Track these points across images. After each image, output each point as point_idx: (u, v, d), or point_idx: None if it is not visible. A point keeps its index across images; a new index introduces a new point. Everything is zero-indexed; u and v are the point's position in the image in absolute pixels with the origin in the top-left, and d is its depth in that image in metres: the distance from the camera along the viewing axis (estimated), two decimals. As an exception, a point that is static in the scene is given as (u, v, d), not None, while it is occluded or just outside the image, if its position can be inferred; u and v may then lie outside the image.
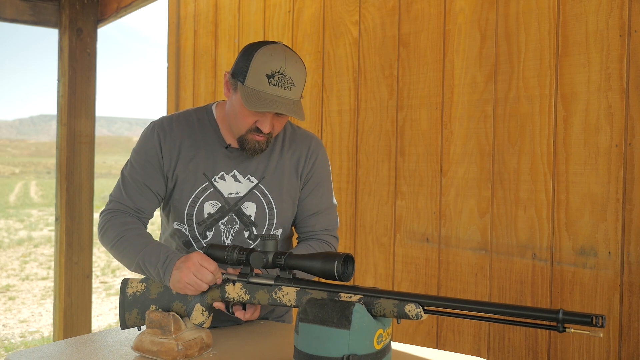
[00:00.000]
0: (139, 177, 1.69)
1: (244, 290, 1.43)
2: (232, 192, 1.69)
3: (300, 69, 1.59)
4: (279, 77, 1.53)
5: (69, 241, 3.95)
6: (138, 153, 1.71)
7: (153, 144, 1.69)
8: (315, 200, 1.78)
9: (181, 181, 1.68)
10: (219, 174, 1.69)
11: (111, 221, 1.65)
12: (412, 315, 1.22)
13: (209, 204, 1.68)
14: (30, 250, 10.78)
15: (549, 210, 2.01)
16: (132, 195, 1.68)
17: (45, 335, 5.65)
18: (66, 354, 1.50)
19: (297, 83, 1.56)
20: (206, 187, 1.68)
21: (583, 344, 1.93)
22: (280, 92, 1.53)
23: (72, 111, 3.96)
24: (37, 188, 31.18)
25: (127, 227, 1.63)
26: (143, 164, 1.69)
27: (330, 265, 1.28)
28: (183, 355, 1.43)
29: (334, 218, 1.83)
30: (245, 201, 1.70)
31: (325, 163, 1.82)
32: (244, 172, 1.71)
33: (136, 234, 1.62)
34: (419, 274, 2.42)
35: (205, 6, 3.61)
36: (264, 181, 1.71)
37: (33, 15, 3.95)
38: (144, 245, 1.58)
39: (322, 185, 1.80)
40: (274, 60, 1.54)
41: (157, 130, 1.70)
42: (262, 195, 1.71)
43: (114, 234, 1.62)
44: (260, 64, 1.54)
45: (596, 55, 1.90)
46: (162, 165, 1.69)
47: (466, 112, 2.26)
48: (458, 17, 2.29)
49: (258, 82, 1.53)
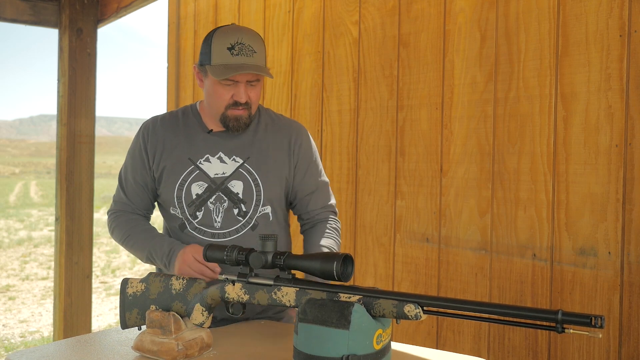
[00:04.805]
0: (131, 176, 1.85)
1: (243, 290, 1.43)
2: (219, 173, 1.79)
3: (257, 38, 1.74)
4: (239, 46, 1.69)
5: (69, 241, 3.95)
6: (128, 154, 1.89)
7: (138, 143, 1.84)
8: (310, 180, 1.89)
9: (168, 169, 1.80)
10: (203, 157, 1.79)
11: (116, 221, 1.84)
12: (412, 316, 1.22)
13: (196, 185, 1.78)
14: (30, 250, 10.78)
15: (549, 210, 2.01)
16: (129, 194, 1.85)
17: (45, 335, 5.65)
18: (66, 353, 1.50)
19: (257, 50, 1.71)
20: (192, 170, 1.78)
21: (583, 344, 1.93)
22: (243, 59, 1.68)
23: (72, 111, 3.96)
24: (37, 188, 31.19)
25: (130, 224, 1.82)
26: (133, 163, 1.85)
27: (330, 266, 1.28)
28: (183, 355, 1.44)
29: (329, 194, 1.95)
30: (231, 180, 1.79)
31: (311, 144, 1.93)
32: (229, 153, 1.80)
33: (140, 230, 1.80)
34: (419, 274, 2.42)
35: (205, 6, 3.61)
36: (249, 160, 1.80)
37: (33, 15, 3.95)
38: (148, 239, 1.76)
39: (312, 165, 1.90)
40: (230, 34, 1.71)
41: (142, 130, 1.86)
42: (249, 173, 1.80)
43: (121, 233, 1.82)
44: (219, 41, 1.70)
45: (596, 55, 1.90)
46: (147, 160, 1.82)
47: (466, 112, 2.26)
48: (458, 17, 2.29)
49: (222, 57, 1.69)
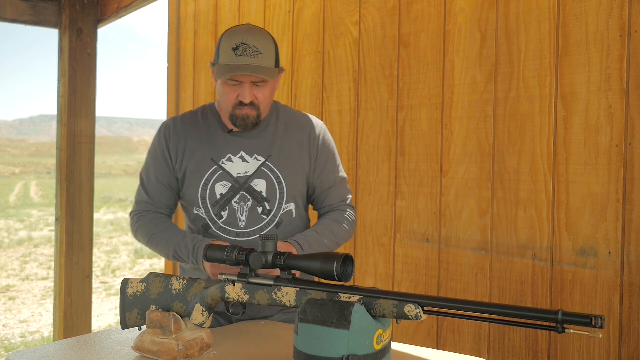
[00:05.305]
0: (153, 176, 1.86)
1: (243, 290, 1.43)
2: (241, 172, 1.80)
3: (265, 39, 1.73)
4: (243, 47, 1.70)
5: (69, 241, 3.95)
6: (149, 154, 1.89)
7: (160, 143, 1.86)
8: (329, 175, 1.90)
9: (191, 169, 1.81)
10: (225, 157, 1.81)
11: (139, 222, 1.85)
12: (412, 316, 1.22)
13: (219, 184, 1.80)
14: (30, 250, 10.78)
15: (549, 210, 2.01)
16: (152, 194, 1.86)
17: (45, 335, 5.65)
18: (66, 353, 1.50)
19: (263, 51, 1.71)
20: (215, 170, 1.80)
21: (583, 344, 1.93)
22: (246, 60, 1.69)
23: (72, 111, 3.95)
24: (37, 188, 31.19)
25: (153, 223, 1.82)
26: (154, 163, 1.86)
27: (330, 266, 1.28)
28: (183, 355, 1.43)
29: (347, 189, 1.96)
30: (254, 178, 1.80)
31: (330, 139, 1.95)
32: (251, 152, 1.82)
33: (163, 229, 1.81)
34: (419, 274, 2.42)
35: (205, 6, 3.61)
36: (270, 159, 1.82)
37: (33, 15, 3.95)
38: (172, 237, 1.77)
39: (330, 160, 1.92)
40: (236, 34, 1.72)
41: (163, 130, 1.87)
42: (271, 171, 1.81)
43: (144, 233, 1.83)
44: (226, 41, 1.72)
45: (596, 55, 1.90)
46: (170, 160, 1.84)
47: (466, 112, 2.26)
48: (458, 17, 2.29)
49: (226, 57, 1.71)
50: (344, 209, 1.92)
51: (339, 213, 1.90)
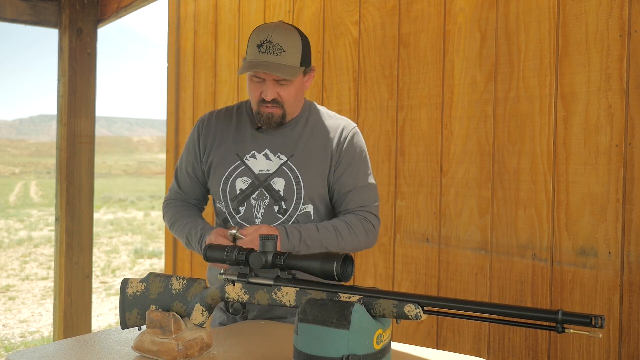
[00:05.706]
0: (184, 167, 1.93)
1: (243, 290, 1.42)
2: (263, 170, 1.80)
3: (292, 38, 1.72)
4: (267, 44, 1.69)
5: (69, 241, 3.95)
6: (185, 146, 1.96)
7: (193, 136, 1.92)
8: (350, 179, 1.82)
9: (216, 163, 1.85)
10: (250, 153, 1.82)
11: (166, 209, 1.95)
12: (412, 316, 1.22)
13: (240, 180, 1.81)
14: (30, 250, 10.78)
15: (549, 210, 2.01)
16: (181, 184, 1.95)
17: (45, 335, 5.65)
18: (66, 353, 1.50)
19: (287, 49, 1.70)
20: (238, 165, 1.82)
21: (583, 344, 1.92)
22: (268, 57, 1.68)
23: (72, 111, 3.96)
24: (37, 188, 31.19)
25: (176, 210, 1.91)
26: (187, 155, 1.93)
27: (330, 266, 1.28)
28: (183, 355, 1.43)
29: (370, 196, 1.85)
30: (274, 177, 1.80)
31: (357, 144, 1.86)
32: (275, 150, 1.82)
33: (182, 216, 1.88)
34: (419, 274, 2.42)
35: (205, 6, 3.61)
36: (292, 158, 1.81)
37: (33, 15, 3.95)
38: (187, 225, 1.83)
39: (355, 165, 1.83)
40: (262, 31, 1.72)
41: (198, 124, 1.93)
42: (290, 171, 1.80)
43: (168, 219, 1.92)
44: (253, 38, 1.73)
45: (596, 55, 1.90)
46: (199, 153, 1.89)
47: (466, 112, 2.26)
48: (458, 17, 2.29)
49: (251, 54, 1.72)
50: (361, 214, 1.81)
51: (353, 216, 1.80)
